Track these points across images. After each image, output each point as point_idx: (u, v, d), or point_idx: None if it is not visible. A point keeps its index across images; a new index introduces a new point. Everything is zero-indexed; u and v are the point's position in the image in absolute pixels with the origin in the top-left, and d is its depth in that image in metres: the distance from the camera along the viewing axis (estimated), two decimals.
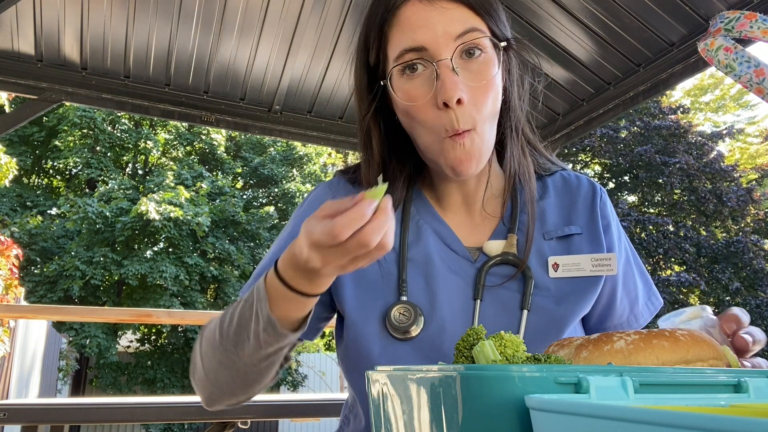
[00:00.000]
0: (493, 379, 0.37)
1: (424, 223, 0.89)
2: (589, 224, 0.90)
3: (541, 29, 2.91)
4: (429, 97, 0.77)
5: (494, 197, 0.91)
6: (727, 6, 2.42)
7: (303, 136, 3.51)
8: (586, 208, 0.91)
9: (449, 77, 0.75)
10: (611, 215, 0.93)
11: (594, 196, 0.93)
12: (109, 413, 2.73)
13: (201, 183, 14.45)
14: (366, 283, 0.85)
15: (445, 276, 0.85)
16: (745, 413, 0.32)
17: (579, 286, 0.85)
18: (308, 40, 2.96)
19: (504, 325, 0.82)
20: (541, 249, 0.87)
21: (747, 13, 1.32)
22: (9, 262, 4.65)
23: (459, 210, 0.91)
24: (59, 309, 5.89)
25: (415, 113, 0.79)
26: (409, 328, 0.80)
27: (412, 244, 0.87)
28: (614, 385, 0.37)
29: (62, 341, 12.00)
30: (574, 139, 3.58)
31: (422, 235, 0.87)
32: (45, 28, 2.74)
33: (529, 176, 0.90)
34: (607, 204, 0.94)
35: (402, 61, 0.77)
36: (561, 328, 0.83)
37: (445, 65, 0.75)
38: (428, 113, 0.77)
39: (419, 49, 0.76)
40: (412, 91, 0.78)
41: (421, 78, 0.78)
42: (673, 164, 14.31)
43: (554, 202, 0.92)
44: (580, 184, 0.94)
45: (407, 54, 0.77)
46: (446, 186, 0.90)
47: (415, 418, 0.43)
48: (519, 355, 0.48)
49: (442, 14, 0.76)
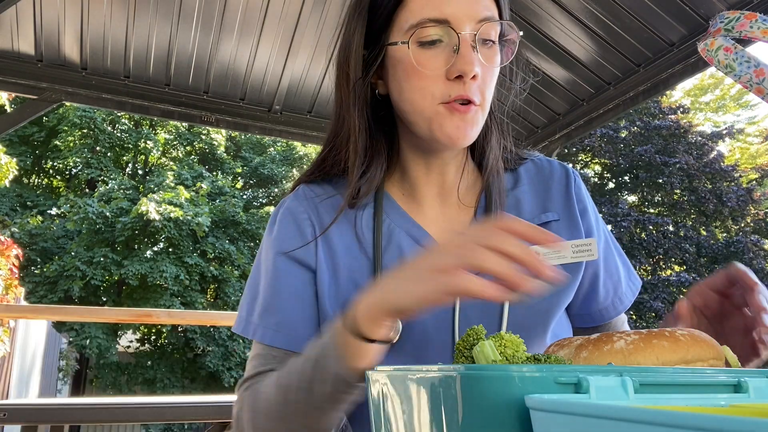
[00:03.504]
0: (493, 379, 0.37)
1: (395, 226, 0.86)
2: (566, 210, 0.89)
3: (541, 29, 2.91)
4: (442, 68, 0.77)
5: (468, 188, 0.90)
6: (727, 6, 2.42)
7: (303, 136, 3.51)
8: (560, 193, 0.90)
9: (470, 51, 0.75)
10: (587, 198, 0.92)
11: (568, 180, 0.91)
12: (109, 413, 2.73)
13: (201, 183, 14.46)
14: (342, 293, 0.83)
15: None
16: (745, 413, 0.32)
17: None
18: (308, 40, 2.96)
19: (485, 320, 0.80)
20: None
21: (747, 13, 1.32)
22: (9, 262, 4.65)
23: (433, 203, 0.88)
24: (59, 309, 5.89)
25: (418, 79, 0.78)
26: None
27: (385, 249, 0.84)
28: (614, 385, 0.37)
29: (62, 341, 12.01)
30: (574, 139, 3.58)
31: (394, 238, 0.85)
32: (45, 28, 2.74)
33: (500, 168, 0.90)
34: (582, 187, 0.93)
35: (422, 29, 0.77)
36: (545, 321, 0.82)
37: (466, 40, 0.76)
38: (435, 81, 0.77)
39: (442, 22, 0.76)
40: (425, 60, 0.77)
41: (437, 49, 0.77)
42: (673, 164, 14.32)
43: (528, 190, 0.90)
44: (552, 168, 0.93)
45: (428, 23, 0.76)
46: (422, 176, 0.88)
47: (415, 418, 0.43)
48: (519, 355, 0.48)
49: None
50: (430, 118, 0.78)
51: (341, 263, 0.83)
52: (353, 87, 0.83)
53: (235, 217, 14.38)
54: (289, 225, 0.87)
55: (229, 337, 13.50)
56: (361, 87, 0.83)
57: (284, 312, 0.83)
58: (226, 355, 13.53)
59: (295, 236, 0.85)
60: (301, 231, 0.86)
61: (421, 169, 0.88)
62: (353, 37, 0.83)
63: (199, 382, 13.92)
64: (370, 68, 0.82)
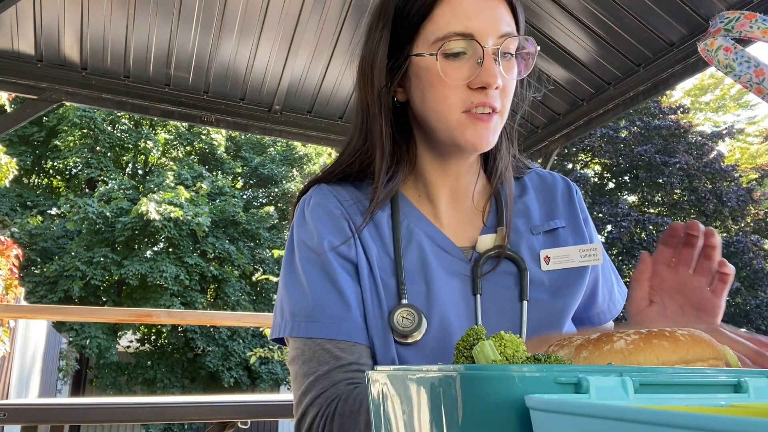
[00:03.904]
0: (493, 379, 0.37)
1: (414, 227, 0.88)
2: (570, 218, 0.94)
3: (541, 29, 2.91)
4: (465, 80, 0.80)
5: (479, 193, 0.94)
6: (727, 6, 2.43)
7: (303, 136, 3.51)
8: (564, 202, 0.96)
9: (493, 65, 0.80)
10: (586, 209, 0.99)
11: (570, 191, 0.98)
12: (109, 413, 2.73)
13: (201, 183, 14.46)
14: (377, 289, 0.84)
15: (443, 277, 0.85)
16: (745, 413, 0.32)
17: (570, 278, 0.88)
18: (308, 40, 2.96)
19: (506, 319, 0.83)
20: (531, 244, 0.90)
21: (747, 13, 1.32)
22: (9, 262, 4.65)
23: (447, 206, 0.92)
24: (59, 309, 5.89)
25: (441, 88, 0.81)
26: (413, 332, 0.80)
27: (406, 248, 0.86)
28: (614, 385, 0.37)
29: (62, 341, 12.01)
30: (574, 139, 3.58)
31: (414, 238, 0.87)
32: (45, 28, 2.74)
33: (510, 175, 0.95)
34: (581, 198, 0.99)
35: (448, 42, 0.80)
36: (559, 321, 0.85)
37: (489, 54, 0.80)
38: (456, 91, 0.81)
39: (467, 36, 0.80)
40: (450, 71, 0.81)
41: (461, 61, 0.81)
42: (673, 164, 14.32)
43: (535, 198, 0.96)
44: (555, 180, 0.99)
45: (454, 37, 0.80)
46: (437, 180, 0.91)
47: (415, 418, 0.43)
48: (519, 355, 0.48)
49: (494, 9, 0.81)
50: (452, 126, 0.82)
51: (373, 260, 0.85)
52: (378, 95, 0.86)
53: (235, 217, 14.38)
54: (324, 219, 0.87)
55: (229, 337, 13.51)
56: (386, 95, 0.87)
57: (338, 305, 0.82)
58: (226, 355, 13.53)
59: (334, 230, 0.86)
60: (339, 225, 0.87)
61: (437, 173, 0.91)
62: (378, 46, 0.86)
63: (199, 382, 13.92)
64: (394, 77, 0.86)
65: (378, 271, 0.84)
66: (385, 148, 0.86)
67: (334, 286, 0.82)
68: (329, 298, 0.82)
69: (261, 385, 13.66)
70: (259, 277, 14.16)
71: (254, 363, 11.72)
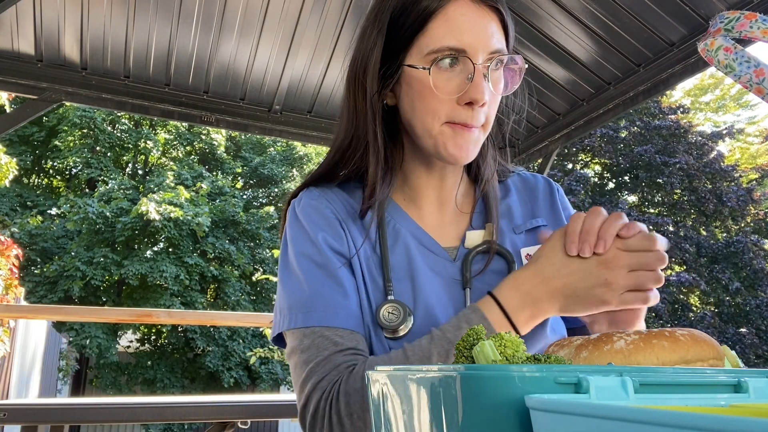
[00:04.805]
0: (493, 379, 0.37)
1: (401, 227, 0.91)
2: (552, 216, 0.97)
3: (541, 29, 2.91)
4: (455, 94, 0.82)
5: (463, 195, 0.97)
6: (727, 6, 2.43)
7: (303, 136, 3.51)
8: (546, 201, 0.99)
9: (482, 81, 0.82)
10: (569, 206, 1.01)
11: (551, 190, 1.01)
12: (109, 413, 2.73)
13: (201, 183, 14.46)
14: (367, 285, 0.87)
15: (428, 275, 0.88)
16: (745, 413, 0.32)
17: None
18: (308, 40, 2.96)
19: None
20: (514, 243, 0.93)
21: (747, 14, 1.32)
22: (9, 262, 4.65)
23: (432, 208, 0.95)
24: (59, 309, 5.89)
25: (430, 101, 0.83)
26: (399, 327, 0.82)
27: (392, 247, 0.89)
28: (614, 385, 0.37)
29: (62, 341, 12.01)
30: (574, 139, 3.58)
31: (400, 239, 0.90)
32: (45, 28, 2.74)
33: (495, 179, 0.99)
34: (564, 196, 1.02)
35: (441, 56, 0.82)
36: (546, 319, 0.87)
37: (480, 70, 0.82)
38: (444, 104, 0.83)
39: (460, 51, 0.82)
40: (440, 84, 0.82)
41: (452, 74, 0.83)
42: (673, 164, 14.31)
43: (517, 199, 0.99)
44: (537, 180, 1.03)
45: (447, 51, 0.82)
46: (423, 183, 0.94)
47: (415, 418, 0.43)
48: (519, 355, 0.48)
49: (486, 26, 0.83)
50: (435, 136, 0.85)
51: (362, 258, 0.88)
52: (370, 100, 0.88)
53: (235, 217, 14.38)
54: (317, 218, 0.90)
55: (229, 337, 13.51)
56: (378, 101, 0.88)
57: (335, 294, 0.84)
58: (226, 355, 13.53)
59: (327, 228, 0.89)
60: (331, 223, 0.89)
61: (422, 176, 0.94)
62: (371, 52, 0.88)
63: (199, 382, 13.92)
64: (386, 83, 0.88)
65: (365, 269, 0.87)
66: (379, 153, 0.88)
67: (331, 277, 0.85)
68: (326, 287, 0.84)
69: (261, 385, 13.66)
70: (259, 277, 14.15)
71: (254, 363, 11.71)
